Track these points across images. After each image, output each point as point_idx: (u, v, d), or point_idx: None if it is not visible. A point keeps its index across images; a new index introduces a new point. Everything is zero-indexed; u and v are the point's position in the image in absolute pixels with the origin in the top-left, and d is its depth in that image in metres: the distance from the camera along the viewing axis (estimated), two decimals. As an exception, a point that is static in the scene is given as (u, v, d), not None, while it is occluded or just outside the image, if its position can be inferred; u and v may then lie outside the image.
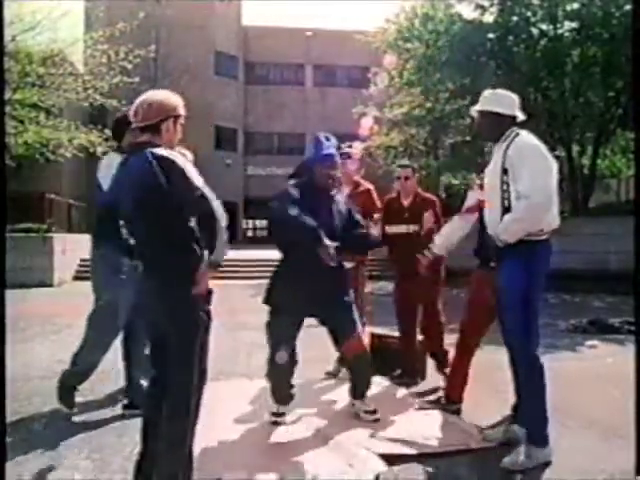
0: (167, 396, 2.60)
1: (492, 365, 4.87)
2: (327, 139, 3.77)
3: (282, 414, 3.75)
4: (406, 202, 4.72)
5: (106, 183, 3.77)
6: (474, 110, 3.51)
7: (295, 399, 3.87)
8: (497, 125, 3.38)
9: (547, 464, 3.13)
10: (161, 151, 2.57)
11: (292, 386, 3.81)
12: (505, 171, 3.25)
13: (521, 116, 3.42)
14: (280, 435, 3.59)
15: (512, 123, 3.38)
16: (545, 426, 3.21)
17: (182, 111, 2.77)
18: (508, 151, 3.25)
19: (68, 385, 3.93)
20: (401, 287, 4.81)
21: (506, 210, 3.24)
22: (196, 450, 2.78)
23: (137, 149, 2.65)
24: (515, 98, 3.45)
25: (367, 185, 5.03)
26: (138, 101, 2.72)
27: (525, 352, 3.22)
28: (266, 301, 3.70)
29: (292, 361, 3.71)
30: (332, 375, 4.94)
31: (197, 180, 2.61)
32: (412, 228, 4.56)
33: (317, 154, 3.72)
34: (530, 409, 3.28)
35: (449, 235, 4.10)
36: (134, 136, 3.80)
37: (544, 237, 3.25)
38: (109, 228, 3.77)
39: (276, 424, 3.70)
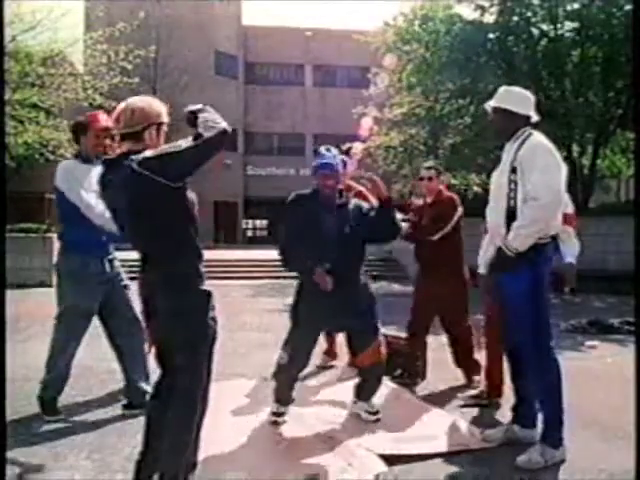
0: (173, 398, 2.61)
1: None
2: (328, 150, 3.78)
3: (282, 414, 3.76)
4: (429, 200, 4.80)
5: (69, 190, 3.87)
6: (488, 105, 3.43)
7: (295, 398, 3.87)
8: (509, 123, 3.31)
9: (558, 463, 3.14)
10: (138, 156, 2.48)
11: (294, 387, 3.83)
12: (514, 170, 3.19)
13: (535, 117, 3.35)
14: (280, 435, 3.60)
15: (526, 123, 3.31)
16: (560, 427, 3.20)
17: (165, 118, 2.71)
18: (520, 150, 3.20)
19: (49, 397, 3.87)
20: (421, 288, 4.81)
21: (511, 211, 3.18)
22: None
23: (118, 161, 2.57)
24: (531, 97, 3.38)
25: (359, 188, 5.13)
26: (120, 107, 2.65)
27: (537, 353, 3.20)
28: (292, 316, 3.73)
29: (302, 367, 3.74)
30: (322, 367, 5.06)
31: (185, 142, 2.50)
32: (426, 222, 4.62)
33: (317, 164, 3.72)
34: (544, 409, 3.27)
35: (488, 255, 3.97)
36: (97, 141, 3.83)
37: (545, 241, 3.20)
38: (76, 233, 3.82)
39: (276, 423, 3.71)
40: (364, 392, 3.85)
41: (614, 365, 5.45)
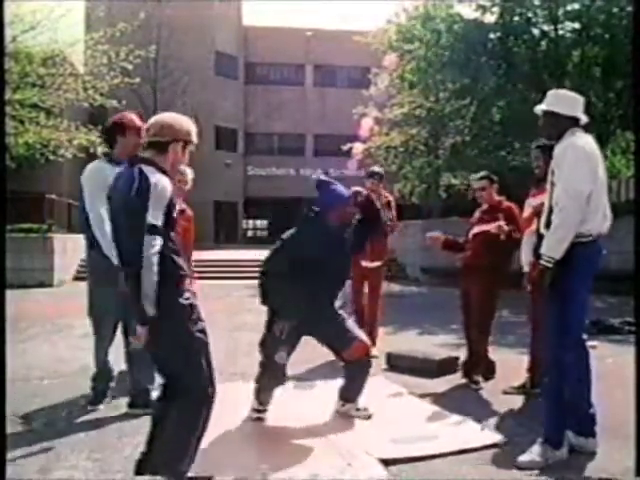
0: (177, 402, 2.62)
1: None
2: (326, 174, 3.86)
3: (264, 410, 3.81)
4: (485, 207, 4.92)
5: (90, 195, 3.86)
6: (538, 109, 3.45)
7: (294, 399, 3.88)
8: (554, 125, 3.33)
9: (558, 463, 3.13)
10: (150, 171, 2.58)
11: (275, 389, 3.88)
12: (553, 172, 3.25)
13: (583, 118, 3.35)
14: (279, 435, 3.60)
15: (573, 124, 3.30)
16: (560, 427, 3.18)
17: (195, 138, 2.77)
18: (556, 151, 3.24)
19: (99, 385, 4.09)
20: (462, 286, 4.93)
21: (550, 211, 3.22)
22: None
23: (136, 163, 2.66)
24: (577, 99, 3.40)
25: (389, 197, 5.91)
26: (154, 118, 2.76)
27: (551, 349, 3.21)
28: (262, 302, 3.79)
29: (285, 367, 3.77)
30: None
31: (154, 217, 2.53)
32: (484, 227, 4.69)
33: (331, 198, 3.74)
34: (545, 406, 3.26)
35: (528, 251, 4.22)
36: (137, 140, 3.89)
37: (584, 240, 3.15)
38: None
39: (259, 419, 3.77)
40: (350, 393, 3.86)
41: (614, 365, 5.45)
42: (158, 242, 2.54)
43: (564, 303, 3.18)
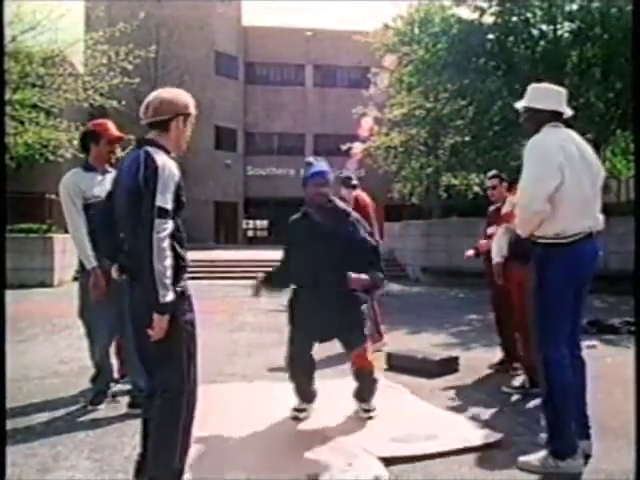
0: (158, 399, 2.58)
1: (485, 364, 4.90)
2: (316, 160, 3.87)
3: (303, 410, 3.83)
4: (497, 205, 5.04)
5: (65, 204, 3.95)
6: (517, 105, 3.36)
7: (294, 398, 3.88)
8: (532, 120, 3.24)
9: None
10: (156, 153, 2.56)
11: (313, 385, 3.88)
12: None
13: (565, 111, 3.22)
14: (279, 435, 3.60)
15: (551, 118, 3.17)
16: (564, 436, 3.03)
17: (193, 110, 2.76)
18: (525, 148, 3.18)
19: (99, 385, 4.12)
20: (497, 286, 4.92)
21: None
22: (195, 452, 2.78)
23: (141, 145, 2.64)
24: (557, 92, 3.26)
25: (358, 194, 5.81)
26: (150, 97, 2.72)
27: (538, 351, 3.16)
28: (290, 322, 3.84)
29: (311, 364, 3.81)
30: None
31: (164, 201, 2.47)
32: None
33: (307, 174, 3.80)
34: (546, 413, 3.14)
35: (501, 245, 4.46)
36: (109, 149, 3.98)
37: (553, 241, 3.07)
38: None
39: (296, 419, 3.77)
40: (359, 395, 3.88)
41: (614, 365, 5.45)
42: (169, 226, 2.48)
43: (539, 308, 3.14)
